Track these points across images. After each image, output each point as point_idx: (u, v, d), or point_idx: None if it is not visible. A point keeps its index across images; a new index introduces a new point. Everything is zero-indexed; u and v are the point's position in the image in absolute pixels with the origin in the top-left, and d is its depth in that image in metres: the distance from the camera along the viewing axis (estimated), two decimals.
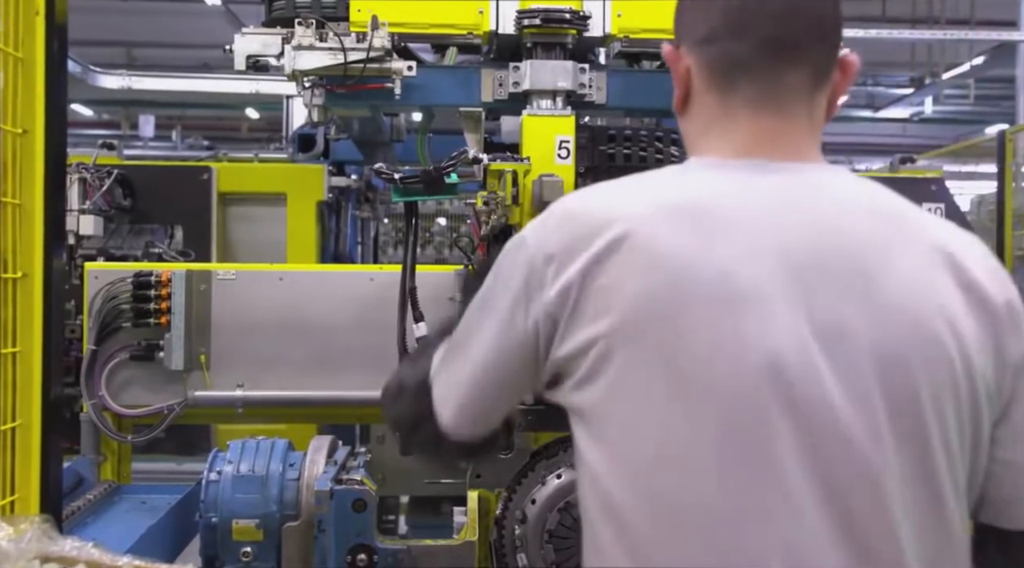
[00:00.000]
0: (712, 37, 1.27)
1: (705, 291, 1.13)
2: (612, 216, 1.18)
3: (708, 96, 1.28)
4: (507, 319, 1.24)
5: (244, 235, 4.10)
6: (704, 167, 1.26)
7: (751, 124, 1.25)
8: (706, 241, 1.16)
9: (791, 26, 1.24)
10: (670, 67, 1.33)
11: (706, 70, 1.28)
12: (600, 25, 2.93)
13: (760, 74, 1.25)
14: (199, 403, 2.84)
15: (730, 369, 1.12)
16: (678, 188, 1.24)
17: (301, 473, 2.28)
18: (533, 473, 2.03)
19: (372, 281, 2.91)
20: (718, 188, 1.22)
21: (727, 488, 1.11)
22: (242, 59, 2.95)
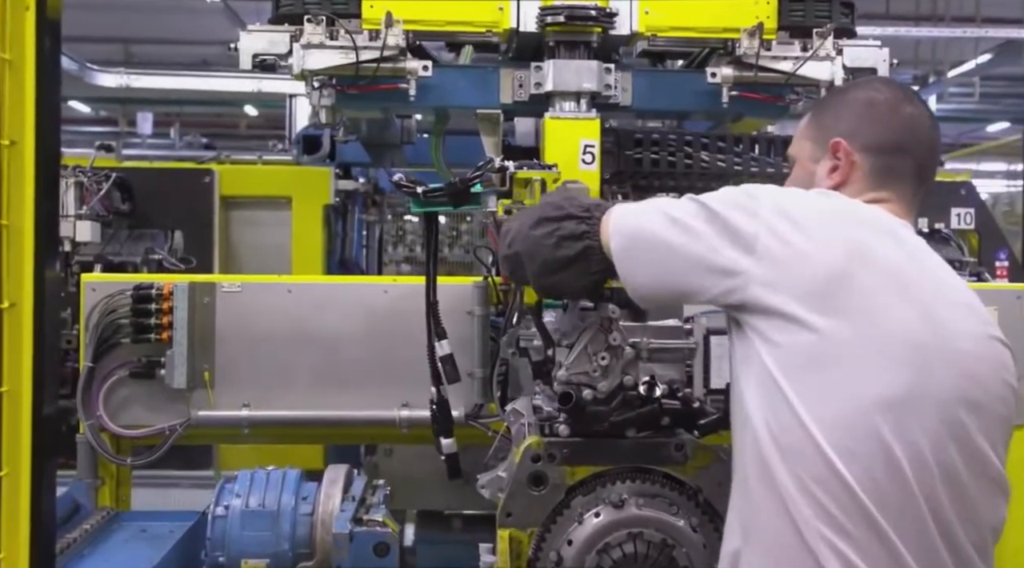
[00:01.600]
0: (882, 148, 1.72)
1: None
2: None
3: (859, 187, 1.71)
4: None
5: (247, 240, 3.94)
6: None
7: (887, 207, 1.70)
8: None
9: (932, 158, 1.76)
10: (835, 155, 1.73)
11: (867, 169, 1.72)
12: (627, 23, 2.76)
13: (908, 187, 1.73)
14: (203, 423, 2.69)
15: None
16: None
17: (315, 507, 2.11)
18: (569, 511, 1.87)
19: (386, 293, 2.76)
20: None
21: None
22: (248, 58, 2.78)
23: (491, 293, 2.72)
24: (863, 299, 1.48)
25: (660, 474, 1.91)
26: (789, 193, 1.67)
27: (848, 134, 1.73)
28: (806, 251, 1.51)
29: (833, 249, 1.52)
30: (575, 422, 1.87)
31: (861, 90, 1.83)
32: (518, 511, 1.88)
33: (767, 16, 2.79)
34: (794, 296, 1.49)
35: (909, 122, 1.73)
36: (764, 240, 1.53)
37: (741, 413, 1.57)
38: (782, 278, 1.51)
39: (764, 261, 1.52)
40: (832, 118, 1.78)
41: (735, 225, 1.56)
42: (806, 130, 1.85)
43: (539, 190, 2.28)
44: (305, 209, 3.82)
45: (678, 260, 1.61)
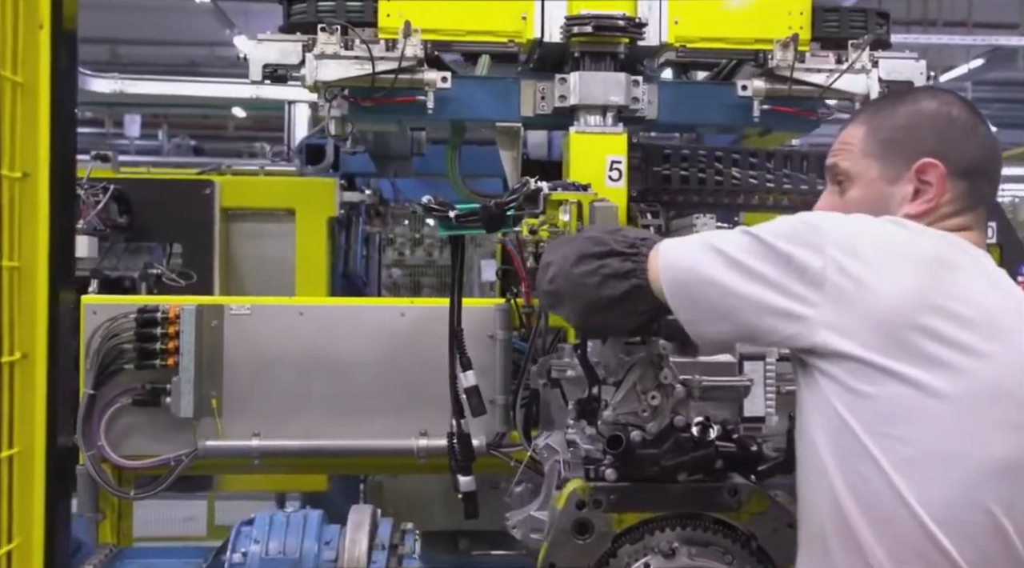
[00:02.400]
0: (969, 171, 1.58)
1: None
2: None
3: (944, 213, 1.58)
4: None
5: (249, 253, 3.79)
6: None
7: (971, 237, 1.58)
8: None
9: (1000, 171, 1.67)
10: (923, 179, 1.58)
11: (954, 194, 1.58)
12: (656, 33, 2.64)
13: (982, 211, 1.60)
14: (210, 453, 2.54)
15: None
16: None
17: (340, 554, 1.98)
18: (615, 560, 1.75)
19: (403, 316, 2.62)
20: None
21: None
22: (258, 68, 2.65)
23: (514, 316, 2.59)
24: (953, 344, 1.34)
25: (711, 520, 1.79)
26: (857, 223, 1.49)
27: (937, 154, 1.56)
28: (881, 290, 1.37)
29: (913, 287, 1.37)
30: (623, 465, 1.75)
31: (930, 102, 1.63)
32: (562, 561, 1.76)
33: (800, 27, 2.69)
34: (870, 340, 1.35)
35: (990, 141, 1.61)
36: (832, 278, 1.38)
37: (814, 462, 1.43)
38: (855, 319, 1.36)
39: (834, 302, 1.38)
40: (909, 135, 1.60)
41: (799, 262, 1.41)
42: (867, 146, 1.63)
43: (575, 213, 2.15)
44: (309, 221, 3.67)
45: (738, 302, 1.46)
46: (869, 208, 1.58)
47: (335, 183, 3.75)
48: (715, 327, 1.52)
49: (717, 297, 1.49)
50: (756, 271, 1.45)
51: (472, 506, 2.32)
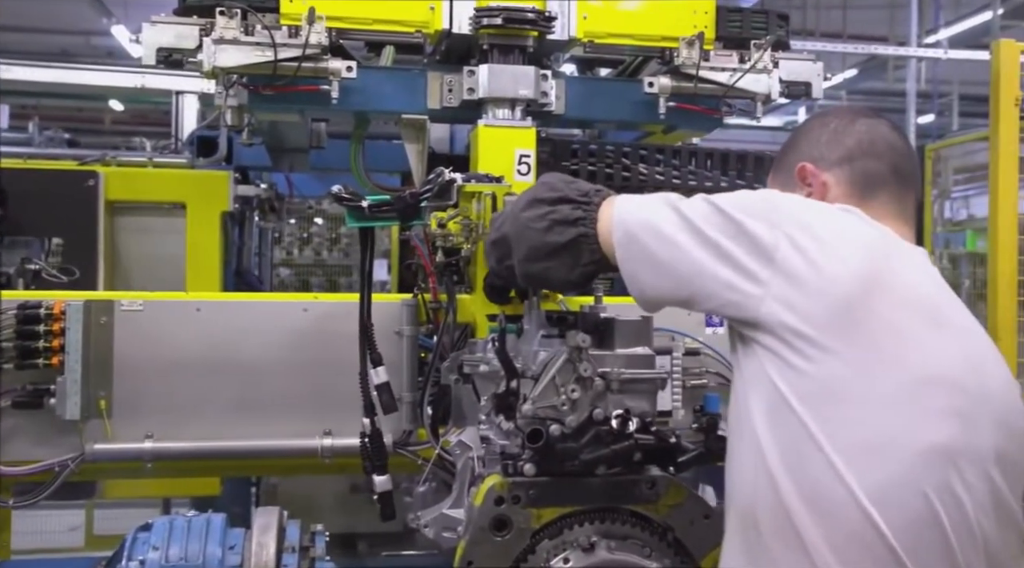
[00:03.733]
0: (850, 157, 1.65)
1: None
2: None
3: (843, 200, 1.61)
4: None
5: (136, 249, 3.61)
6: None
7: (890, 228, 1.55)
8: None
9: (908, 162, 1.67)
10: (805, 182, 1.66)
11: (846, 184, 1.63)
12: (565, 28, 2.63)
13: (894, 191, 1.62)
14: (99, 457, 2.40)
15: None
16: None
17: (246, 559, 1.88)
18: (534, 557, 1.72)
19: (306, 312, 2.53)
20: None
21: None
22: (152, 52, 2.52)
23: (421, 311, 2.54)
24: (896, 330, 1.36)
25: (628, 513, 1.78)
26: (811, 205, 1.55)
27: (811, 158, 1.67)
28: (830, 269, 1.38)
29: (859, 270, 1.39)
30: (542, 460, 1.72)
31: (813, 119, 1.76)
32: (480, 559, 1.72)
33: (705, 26, 2.72)
34: (815, 316, 1.35)
35: (867, 131, 1.66)
36: (784, 252, 1.40)
37: (749, 438, 1.41)
38: (803, 295, 1.37)
39: (783, 275, 1.39)
40: (791, 153, 1.72)
41: (753, 234, 1.43)
42: (772, 180, 1.77)
43: (488, 205, 2.11)
44: (201, 216, 3.51)
45: (688, 264, 1.48)
46: None
47: (229, 176, 3.61)
48: (657, 283, 1.53)
49: (667, 254, 1.50)
50: (710, 237, 1.46)
51: (389, 507, 2.26)
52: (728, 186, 2.68)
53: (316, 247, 6.85)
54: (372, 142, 3.41)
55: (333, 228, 6.87)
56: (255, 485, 4.30)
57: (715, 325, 2.69)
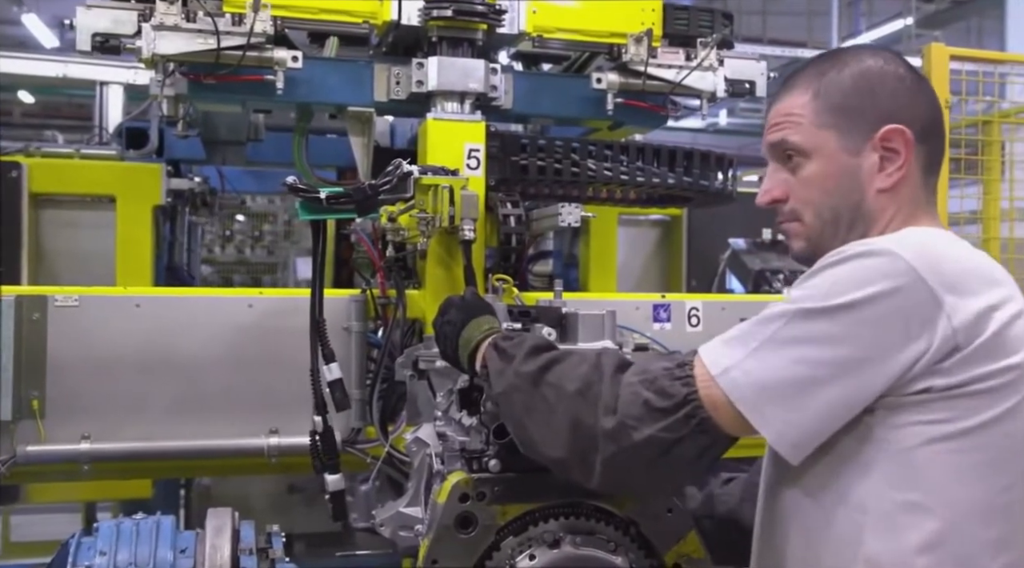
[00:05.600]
0: (931, 131, 1.46)
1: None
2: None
3: (915, 183, 1.46)
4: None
5: (63, 244, 3.46)
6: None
7: (931, 209, 1.48)
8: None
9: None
10: (890, 146, 1.44)
11: (922, 159, 1.46)
12: (514, 22, 2.62)
13: (938, 170, 1.49)
14: (31, 460, 2.30)
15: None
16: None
17: (199, 562, 1.81)
18: (499, 554, 1.69)
19: (251, 308, 2.46)
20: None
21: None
22: (87, 38, 2.42)
23: (369, 307, 2.50)
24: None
25: (592, 509, 1.77)
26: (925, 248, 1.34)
27: (897, 118, 1.43)
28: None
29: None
30: (507, 456, 1.70)
31: (875, 61, 1.48)
32: (445, 557, 1.68)
33: (653, 23, 2.74)
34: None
35: (935, 98, 1.48)
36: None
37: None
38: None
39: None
40: (864, 99, 1.44)
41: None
42: (819, 115, 1.46)
43: (446, 198, 2.08)
44: (132, 210, 3.38)
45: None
46: (835, 184, 1.47)
47: (161, 169, 3.49)
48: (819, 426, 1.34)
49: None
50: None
51: (341, 507, 2.21)
52: (675, 182, 2.69)
53: (239, 245, 6.69)
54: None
55: (256, 226, 6.73)
56: (183, 487, 4.18)
57: (663, 321, 2.71)
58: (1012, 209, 3.77)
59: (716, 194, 2.79)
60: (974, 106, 3.79)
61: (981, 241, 3.76)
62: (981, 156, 3.66)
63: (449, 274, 2.44)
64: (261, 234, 6.70)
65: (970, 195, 3.62)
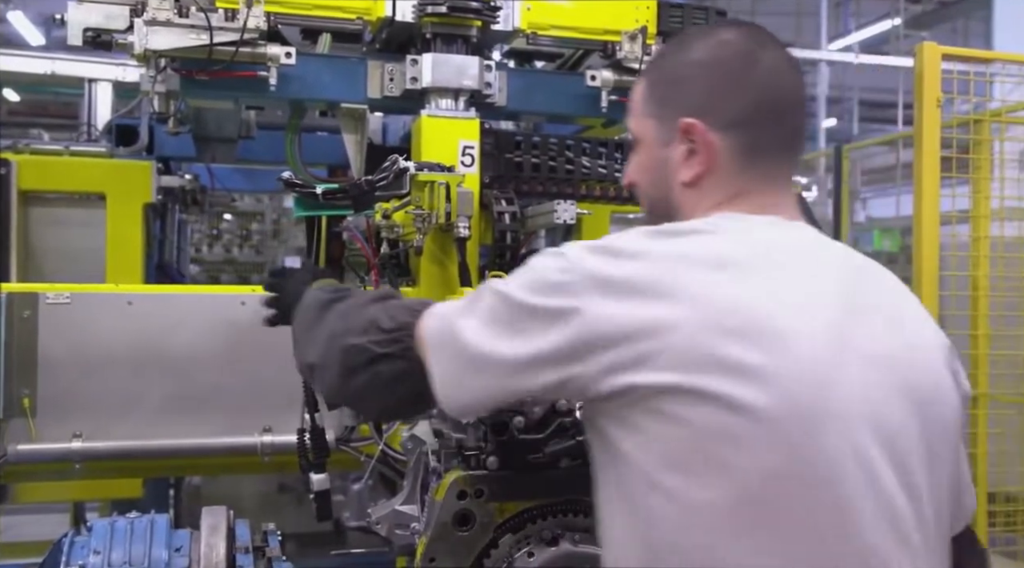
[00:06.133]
0: (747, 119, 1.35)
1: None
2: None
3: (725, 173, 1.36)
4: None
5: (52, 242, 3.43)
6: (732, 219, 1.33)
7: (762, 199, 1.35)
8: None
9: (802, 118, 1.41)
10: (682, 141, 1.37)
11: (733, 149, 1.36)
12: (509, 18, 2.61)
13: (780, 157, 1.37)
14: (23, 459, 2.28)
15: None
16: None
17: (195, 560, 1.79)
18: (497, 552, 1.69)
19: (243, 306, 2.45)
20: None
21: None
22: (78, 32, 2.41)
23: None
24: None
25: (590, 506, 1.76)
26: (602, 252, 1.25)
27: (699, 110, 1.36)
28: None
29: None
30: (505, 453, 1.69)
31: (703, 44, 1.41)
32: (443, 555, 1.68)
33: (647, 20, 2.74)
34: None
35: (771, 77, 1.35)
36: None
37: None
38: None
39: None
40: (675, 89, 1.40)
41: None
42: (646, 104, 1.44)
43: (442, 194, 2.07)
44: (122, 208, 3.36)
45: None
46: (651, 175, 1.44)
47: (152, 166, 3.47)
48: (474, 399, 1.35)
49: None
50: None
51: (326, 507, 2.20)
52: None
53: (226, 244, 6.67)
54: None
55: (244, 224, 6.70)
56: (172, 487, 4.16)
57: None
58: (1002, 208, 3.79)
59: None
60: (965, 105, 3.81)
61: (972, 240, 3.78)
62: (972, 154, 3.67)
63: (444, 271, 2.43)
64: (249, 233, 6.68)
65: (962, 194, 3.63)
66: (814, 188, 11.50)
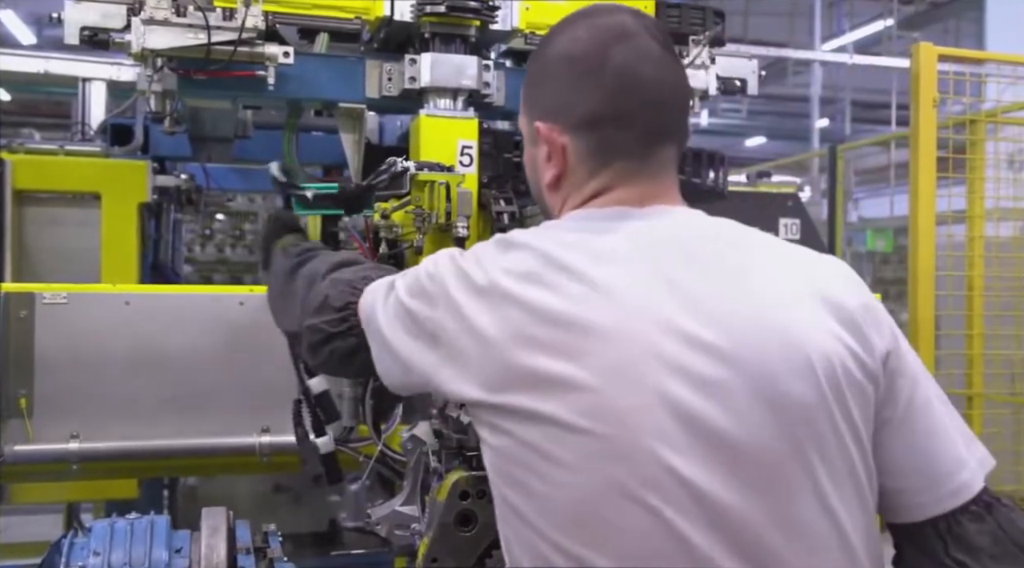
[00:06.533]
0: (594, 122, 1.32)
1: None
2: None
3: (581, 174, 1.35)
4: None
5: (46, 242, 3.42)
6: (575, 219, 1.34)
7: (624, 193, 1.33)
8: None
9: (666, 115, 1.34)
10: (543, 143, 1.36)
11: (583, 151, 1.34)
12: (507, 18, 2.61)
13: (637, 154, 1.33)
14: (20, 459, 2.27)
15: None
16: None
17: (195, 561, 1.79)
18: (499, 552, 1.68)
19: (242, 305, 2.44)
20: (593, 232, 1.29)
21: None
22: (75, 31, 2.39)
23: None
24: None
25: None
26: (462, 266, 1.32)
27: (552, 112, 1.34)
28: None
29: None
30: None
31: (560, 40, 1.38)
32: (444, 555, 1.67)
33: None
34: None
35: (619, 78, 1.30)
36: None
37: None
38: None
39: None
40: (535, 90, 1.40)
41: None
42: (522, 102, 1.45)
43: (442, 194, 2.07)
44: (118, 207, 3.35)
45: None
46: (530, 173, 1.47)
47: (147, 166, 3.45)
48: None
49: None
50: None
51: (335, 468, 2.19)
52: None
53: (219, 244, 6.65)
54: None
55: (237, 224, 6.68)
56: (167, 488, 4.15)
57: None
58: (997, 208, 3.80)
59: (708, 192, 2.79)
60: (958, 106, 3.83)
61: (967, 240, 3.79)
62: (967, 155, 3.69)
63: None
64: (242, 233, 6.66)
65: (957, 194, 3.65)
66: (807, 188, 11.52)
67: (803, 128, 14.70)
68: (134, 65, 3.82)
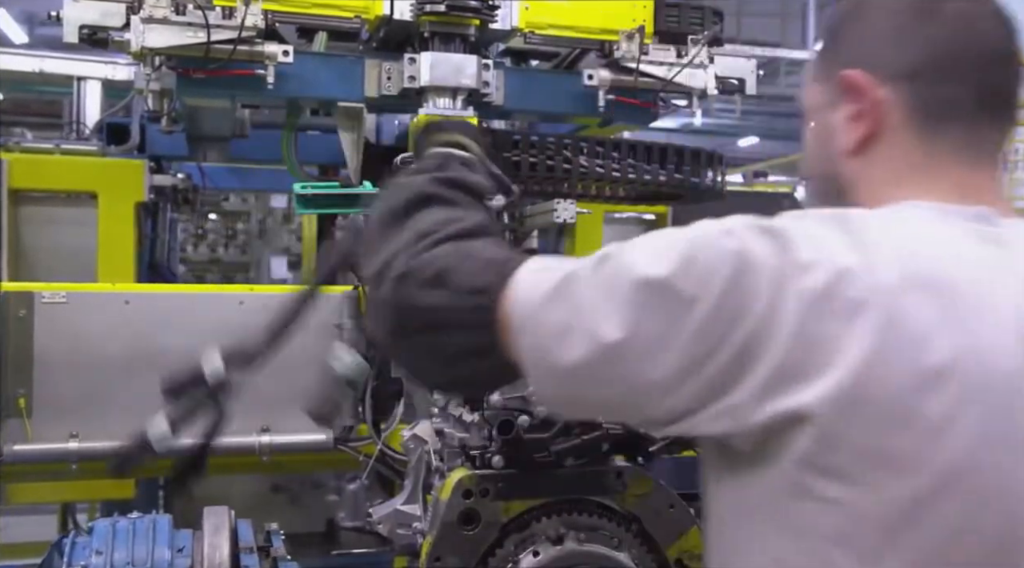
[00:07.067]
0: (921, 70, 1.10)
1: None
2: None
3: (902, 137, 1.11)
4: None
5: (43, 241, 3.40)
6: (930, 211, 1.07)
7: (960, 177, 1.10)
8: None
9: (1007, 74, 1.12)
10: (849, 99, 1.12)
11: (908, 108, 1.11)
12: (507, 17, 2.61)
13: (973, 122, 1.11)
14: (18, 459, 2.27)
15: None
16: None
17: (197, 560, 1.78)
18: (502, 551, 1.69)
19: (242, 305, 2.44)
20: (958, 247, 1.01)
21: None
22: (74, 30, 2.39)
23: (361, 303, 2.48)
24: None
25: (594, 505, 1.77)
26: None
27: (865, 60, 1.12)
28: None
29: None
30: (510, 452, 1.69)
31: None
32: (448, 554, 1.67)
33: (644, 20, 2.74)
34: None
35: (957, 22, 1.10)
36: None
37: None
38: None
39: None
40: (838, 40, 1.18)
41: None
42: (816, 68, 1.22)
43: None
44: (114, 207, 3.33)
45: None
46: (816, 149, 1.21)
47: (144, 165, 3.44)
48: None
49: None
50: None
51: None
52: (667, 179, 2.69)
53: (211, 244, 6.65)
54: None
55: (230, 224, 6.68)
56: (162, 488, 4.13)
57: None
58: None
59: (706, 191, 2.79)
60: None
61: None
62: None
63: None
64: (234, 233, 6.65)
65: None
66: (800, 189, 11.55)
67: (795, 128, 14.69)
68: (130, 64, 3.81)
